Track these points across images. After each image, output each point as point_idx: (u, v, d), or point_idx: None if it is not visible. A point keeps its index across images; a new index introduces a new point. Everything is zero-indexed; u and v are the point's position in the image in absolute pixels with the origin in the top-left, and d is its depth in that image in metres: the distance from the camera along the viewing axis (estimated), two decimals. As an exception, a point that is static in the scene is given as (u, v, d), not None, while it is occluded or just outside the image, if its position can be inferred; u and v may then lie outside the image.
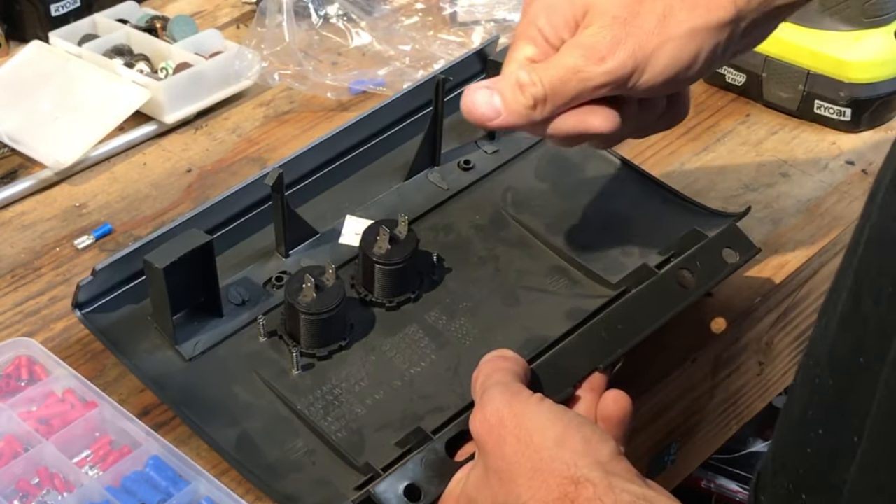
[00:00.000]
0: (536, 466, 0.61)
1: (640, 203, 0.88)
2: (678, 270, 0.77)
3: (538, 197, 0.89)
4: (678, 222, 0.85)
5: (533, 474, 0.60)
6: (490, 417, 0.63)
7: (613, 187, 0.90)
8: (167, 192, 0.98)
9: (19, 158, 1.02)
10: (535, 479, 0.60)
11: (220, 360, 0.77)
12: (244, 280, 0.82)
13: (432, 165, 0.90)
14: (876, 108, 1.05)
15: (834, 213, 0.97)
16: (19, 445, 0.72)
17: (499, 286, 0.82)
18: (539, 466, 0.60)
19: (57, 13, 1.16)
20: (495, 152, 0.91)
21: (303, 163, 0.86)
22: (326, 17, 1.16)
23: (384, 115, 0.90)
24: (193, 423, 0.73)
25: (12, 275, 0.89)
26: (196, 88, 1.06)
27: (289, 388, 0.75)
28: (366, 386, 0.76)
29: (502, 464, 0.62)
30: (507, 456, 0.62)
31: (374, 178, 0.90)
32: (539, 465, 0.60)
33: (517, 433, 0.62)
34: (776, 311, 0.91)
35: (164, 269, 0.73)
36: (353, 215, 0.86)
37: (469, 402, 0.69)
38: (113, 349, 0.77)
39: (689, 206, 0.87)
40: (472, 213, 0.88)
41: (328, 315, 0.76)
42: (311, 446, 0.72)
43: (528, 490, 0.60)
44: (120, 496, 0.69)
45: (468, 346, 0.78)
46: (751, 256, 0.79)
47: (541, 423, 0.62)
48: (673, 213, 0.87)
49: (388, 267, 0.79)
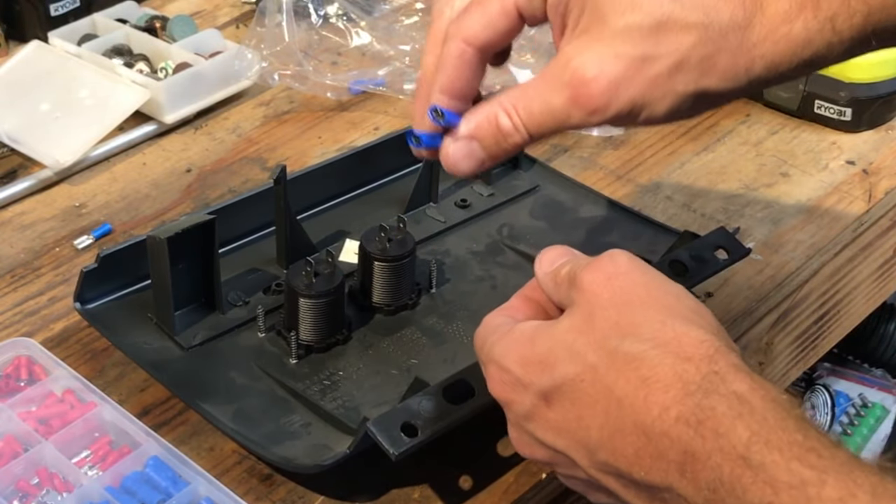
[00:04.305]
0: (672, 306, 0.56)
1: (635, 237, 0.89)
2: (670, 263, 0.77)
3: (533, 233, 0.90)
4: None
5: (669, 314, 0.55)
6: (607, 267, 0.58)
7: (607, 225, 0.91)
8: (167, 192, 0.98)
9: (19, 158, 1.02)
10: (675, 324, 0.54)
11: (219, 351, 0.78)
12: (245, 284, 0.83)
13: (430, 202, 0.92)
14: (876, 108, 1.05)
15: (834, 213, 0.97)
16: (19, 445, 0.72)
17: (496, 298, 0.83)
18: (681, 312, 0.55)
19: (56, 13, 1.15)
20: (491, 195, 0.94)
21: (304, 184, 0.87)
22: (326, 17, 1.16)
23: (390, 145, 0.93)
24: (190, 401, 0.74)
25: (12, 275, 0.89)
26: (196, 88, 1.06)
27: (286, 373, 0.76)
28: (364, 374, 0.77)
29: (628, 298, 0.56)
30: (634, 298, 0.56)
31: (374, 208, 0.91)
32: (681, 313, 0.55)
33: (645, 285, 0.57)
34: (776, 311, 0.91)
35: (167, 239, 0.74)
36: (352, 239, 0.88)
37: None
38: (111, 337, 0.78)
39: (683, 236, 0.87)
40: (469, 242, 0.89)
41: (327, 299, 0.76)
42: (307, 420, 0.73)
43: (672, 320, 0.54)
44: (120, 496, 0.69)
45: (465, 343, 0.79)
46: (741, 256, 0.80)
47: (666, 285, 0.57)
48: (666, 243, 0.87)
49: (387, 264, 0.80)
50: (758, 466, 0.49)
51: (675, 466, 0.51)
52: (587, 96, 0.58)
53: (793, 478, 0.48)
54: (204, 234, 0.77)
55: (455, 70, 0.62)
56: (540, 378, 0.56)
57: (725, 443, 0.50)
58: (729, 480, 0.49)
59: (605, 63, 0.57)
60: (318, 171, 0.89)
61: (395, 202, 0.92)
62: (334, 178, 0.91)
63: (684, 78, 0.58)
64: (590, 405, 0.55)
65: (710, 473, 0.50)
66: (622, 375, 0.53)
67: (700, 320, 0.55)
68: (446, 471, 0.72)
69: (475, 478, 0.72)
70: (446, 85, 0.62)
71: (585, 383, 0.55)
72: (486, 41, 0.62)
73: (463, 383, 0.66)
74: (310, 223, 0.87)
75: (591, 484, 0.57)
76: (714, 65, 0.58)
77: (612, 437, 0.54)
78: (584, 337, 0.56)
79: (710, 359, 0.53)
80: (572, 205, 0.94)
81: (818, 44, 0.58)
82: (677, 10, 0.57)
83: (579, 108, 0.58)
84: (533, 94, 0.60)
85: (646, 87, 0.58)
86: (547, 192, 0.95)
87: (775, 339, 0.94)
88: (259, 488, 0.72)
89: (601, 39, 0.58)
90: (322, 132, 1.06)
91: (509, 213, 0.93)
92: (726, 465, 0.50)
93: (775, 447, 0.49)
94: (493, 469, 0.73)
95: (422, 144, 0.64)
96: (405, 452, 0.63)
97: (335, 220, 0.90)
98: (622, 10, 0.57)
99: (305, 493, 0.71)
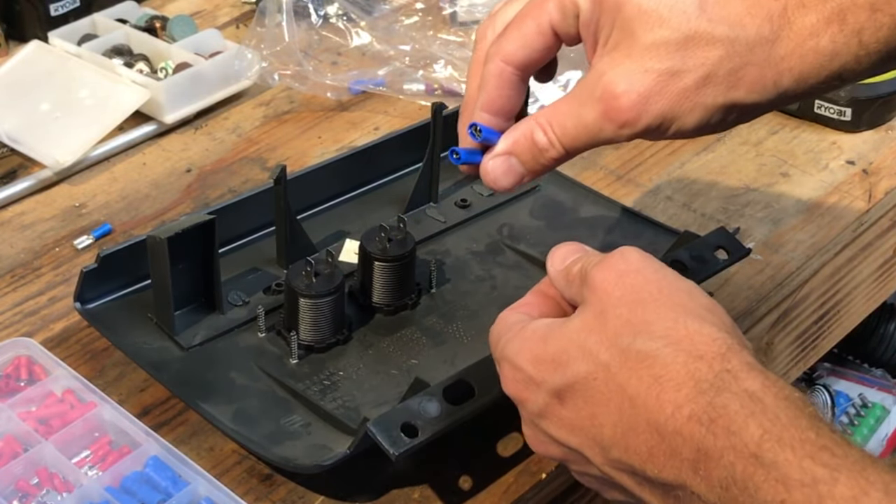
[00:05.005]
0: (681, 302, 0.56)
1: (635, 237, 0.89)
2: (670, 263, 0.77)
3: (533, 232, 0.90)
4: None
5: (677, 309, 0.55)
6: (618, 265, 0.58)
7: (607, 225, 0.91)
8: (167, 192, 0.98)
9: (19, 158, 1.02)
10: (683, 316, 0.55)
11: (219, 351, 0.78)
12: (245, 284, 0.83)
13: (430, 202, 0.92)
14: (876, 108, 1.05)
15: (834, 213, 0.97)
16: (19, 445, 0.72)
17: (496, 298, 0.83)
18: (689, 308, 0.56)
19: (56, 13, 1.16)
20: (490, 195, 0.94)
21: (304, 184, 0.87)
22: (326, 17, 1.16)
23: (390, 145, 0.93)
24: (190, 401, 0.74)
25: (12, 275, 0.89)
26: (196, 88, 1.06)
27: (286, 373, 0.76)
28: (364, 374, 0.77)
29: (639, 295, 0.56)
30: (646, 295, 0.56)
31: (374, 208, 0.91)
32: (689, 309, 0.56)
33: (657, 282, 0.57)
34: (776, 311, 0.91)
35: (167, 239, 0.74)
36: (352, 239, 0.88)
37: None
38: (111, 337, 0.78)
39: (683, 236, 0.87)
40: (468, 242, 0.89)
41: (327, 299, 0.76)
42: (307, 420, 0.73)
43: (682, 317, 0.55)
44: (119, 496, 0.69)
45: (466, 344, 0.79)
46: (741, 256, 0.80)
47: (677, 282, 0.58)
48: (666, 243, 0.87)
49: (387, 264, 0.80)
50: (770, 464, 0.49)
51: (688, 464, 0.52)
52: (617, 110, 0.59)
53: (805, 476, 0.48)
54: (204, 234, 0.77)
55: (495, 89, 0.64)
56: (552, 376, 0.57)
57: (738, 441, 0.50)
58: (741, 478, 0.50)
59: (634, 78, 0.59)
60: (318, 171, 0.89)
61: (395, 202, 0.92)
62: (334, 178, 0.91)
63: (712, 91, 0.59)
64: (603, 403, 0.55)
65: (723, 471, 0.50)
66: (635, 374, 0.54)
67: (713, 318, 0.56)
68: (446, 471, 0.72)
69: (475, 478, 0.72)
70: (486, 103, 0.65)
71: (598, 381, 0.55)
72: (523, 60, 0.64)
73: (463, 384, 0.66)
74: (310, 223, 0.87)
75: (605, 481, 0.58)
76: (741, 78, 0.59)
77: (626, 434, 0.54)
78: (596, 335, 0.56)
79: (722, 357, 0.53)
80: (572, 205, 0.94)
81: (846, 57, 0.59)
82: (704, 24, 0.58)
83: (610, 121, 0.60)
84: (566, 109, 0.62)
85: (674, 100, 0.59)
86: (547, 192, 0.95)
87: (775, 339, 0.94)
88: (259, 488, 0.72)
89: (631, 55, 0.59)
90: (322, 132, 1.06)
91: (509, 213, 0.93)
92: (738, 464, 0.50)
93: (787, 445, 0.49)
94: (493, 469, 0.73)
95: (461, 160, 0.66)
96: (405, 452, 0.63)
97: (335, 220, 0.90)
98: (650, 26, 0.59)
99: (305, 493, 0.71)
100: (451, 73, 1.10)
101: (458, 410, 0.65)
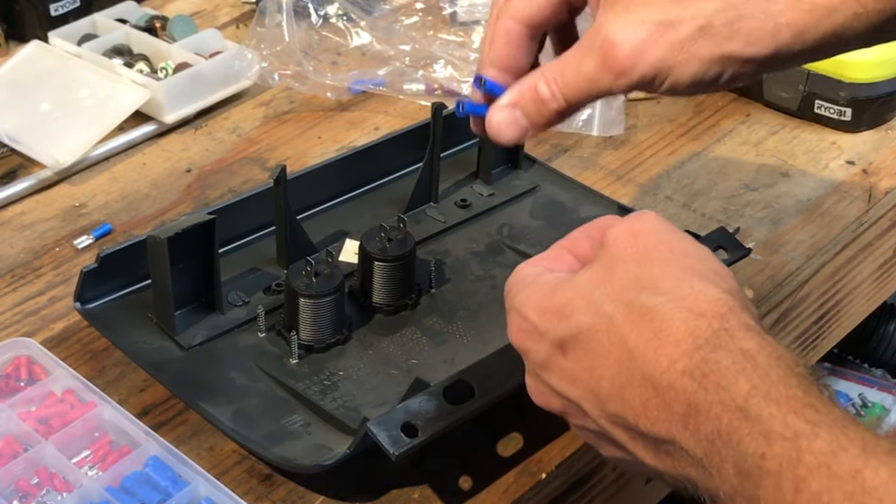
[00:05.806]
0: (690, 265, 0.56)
1: None
2: None
3: (533, 232, 0.91)
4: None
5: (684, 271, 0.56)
6: (634, 225, 0.59)
7: None
8: (167, 192, 0.98)
9: (19, 158, 1.02)
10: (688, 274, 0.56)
11: (219, 351, 0.78)
12: (245, 284, 0.83)
13: (430, 202, 0.92)
14: (876, 108, 1.05)
15: (834, 213, 0.97)
16: (19, 445, 0.72)
17: (496, 298, 0.83)
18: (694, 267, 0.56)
19: (56, 13, 1.15)
20: (490, 195, 0.94)
21: (304, 184, 0.87)
22: (326, 17, 1.16)
23: (390, 145, 0.93)
24: (190, 401, 0.74)
25: (11, 275, 0.89)
26: (196, 88, 1.06)
27: (286, 373, 0.76)
28: (364, 374, 0.77)
29: (650, 254, 0.57)
30: (657, 254, 0.57)
31: (374, 208, 0.91)
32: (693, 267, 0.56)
33: (669, 243, 0.58)
34: (776, 311, 0.91)
35: (167, 239, 0.74)
36: (352, 239, 0.88)
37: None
38: (111, 337, 0.78)
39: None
40: (468, 242, 0.89)
41: (327, 299, 0.76)
42: (307, 420, 0.73)
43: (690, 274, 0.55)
44: (119, 496, 0.69)
45: (465, 343, 0.79)
46: (741, 256, 0.80)
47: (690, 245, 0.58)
48: None
49: (387, 264, 0.80)
50: (755, 418, 0.50)
51: (678, 419, 0.52)
52: (614, 59, 0.61)
53: (787, 430, 0.49)
54: (204, 234, 0.77)
55: (503, 46, 0.67)
56: (556, 327, 0.57)
57: (726, 395, 0.51)
58: (726, 431, 0.50)
59: (631, 28, 0.61)
60: (318, 171, 0.89)
61: (395, 202, 0.91)
62: (334, 178, 0.91)
63: (708, 42, 0.60)
64: (603, 355, 0.55)
65: (710, 425, 0.51)
66: (636, 327, 0.54)
67: (720, 281, 0.56)
68: (446, 471, 0.72)
69: (475, 478, 0.72)
70: (494, 59, 0.67)
71: (600, 333, 0.56)
72: (530, 17, 0.66)
73: (463, 384, 0.67)
74: (310, 223, 0.87)
75: (602, 435, 0.58)
76: (738, 30, 0.60)
77: (623, 387, 0.54)
78: (603, 288, 0.57)
79: (722, 316, 0.53)
80: (572, 205, 0.94)
81: (844, 13, 0.60)
82: None
83: (607, 71, 0.61)
84: (569, 61, 0.64)
85: (669, 50, 0.60)
86: (547, 192, 0.95)
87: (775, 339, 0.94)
88: (259, 488, 0.72)
89: (630, 8, 0.61)
90: (322, 132, 1.06)
91: (509, 213, 0.93)
92: (725, 416, 0.50)
93: (773, 401, 0.50)
94: (493, 469, 0.73)
95: (466, 111, 0.68)
96: (405, 452, 0.63)
97: (335, 220, 0.90)
98: None
99: (305, 493, 0.71)
100: (451, 73, 1.10)
101: (458, 410, 0.65)
